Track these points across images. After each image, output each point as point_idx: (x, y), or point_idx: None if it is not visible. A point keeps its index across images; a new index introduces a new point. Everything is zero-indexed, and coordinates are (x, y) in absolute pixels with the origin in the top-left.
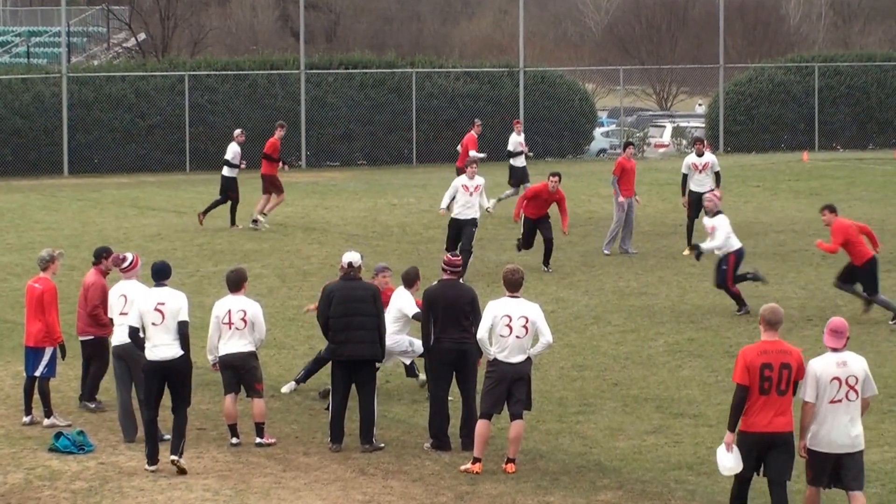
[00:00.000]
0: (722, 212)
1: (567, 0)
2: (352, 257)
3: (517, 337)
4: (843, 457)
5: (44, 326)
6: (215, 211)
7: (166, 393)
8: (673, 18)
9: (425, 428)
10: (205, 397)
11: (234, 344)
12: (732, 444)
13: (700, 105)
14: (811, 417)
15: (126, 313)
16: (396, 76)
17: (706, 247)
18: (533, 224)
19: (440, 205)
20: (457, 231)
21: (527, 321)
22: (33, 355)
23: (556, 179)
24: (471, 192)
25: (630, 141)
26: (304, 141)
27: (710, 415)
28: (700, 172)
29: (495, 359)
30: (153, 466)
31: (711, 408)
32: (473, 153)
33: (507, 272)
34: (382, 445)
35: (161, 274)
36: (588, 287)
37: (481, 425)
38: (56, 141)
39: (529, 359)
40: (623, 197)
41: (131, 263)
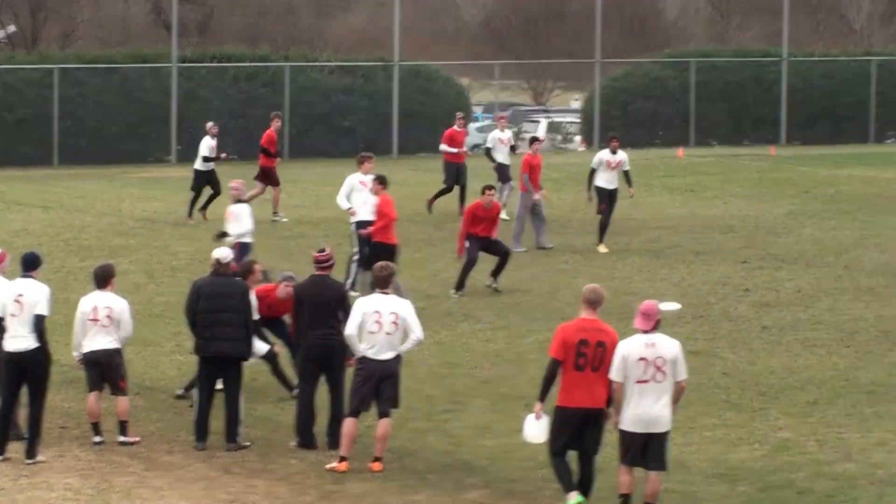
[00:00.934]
0: (246, 201)
1: None
2: (220, 254)
3: (387, 333)
4: (649, 436)
5: None
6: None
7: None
8: (550, 13)
9: (291, 426)
10: (68, 395)
11: (99, 341)
12: (541, 413)
13: (576, 100)
14: (620, 396)
15: None
16: (270, 70)
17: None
18: (484, 245)
19: (341, 205)
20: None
21: (397, 317)
22: None
23: (492, 192)
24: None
25: (536, 136)
26: (175, 135)
27: None
28: (612, 169)
29: (364, 356)
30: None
31: None
32: (444, 147)
33: (377, 268)
34: (248, 444)
35: (29, 264)
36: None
37: (348, 423)
38: None
39: (399, 356)
40: (537, 194)
41: None
